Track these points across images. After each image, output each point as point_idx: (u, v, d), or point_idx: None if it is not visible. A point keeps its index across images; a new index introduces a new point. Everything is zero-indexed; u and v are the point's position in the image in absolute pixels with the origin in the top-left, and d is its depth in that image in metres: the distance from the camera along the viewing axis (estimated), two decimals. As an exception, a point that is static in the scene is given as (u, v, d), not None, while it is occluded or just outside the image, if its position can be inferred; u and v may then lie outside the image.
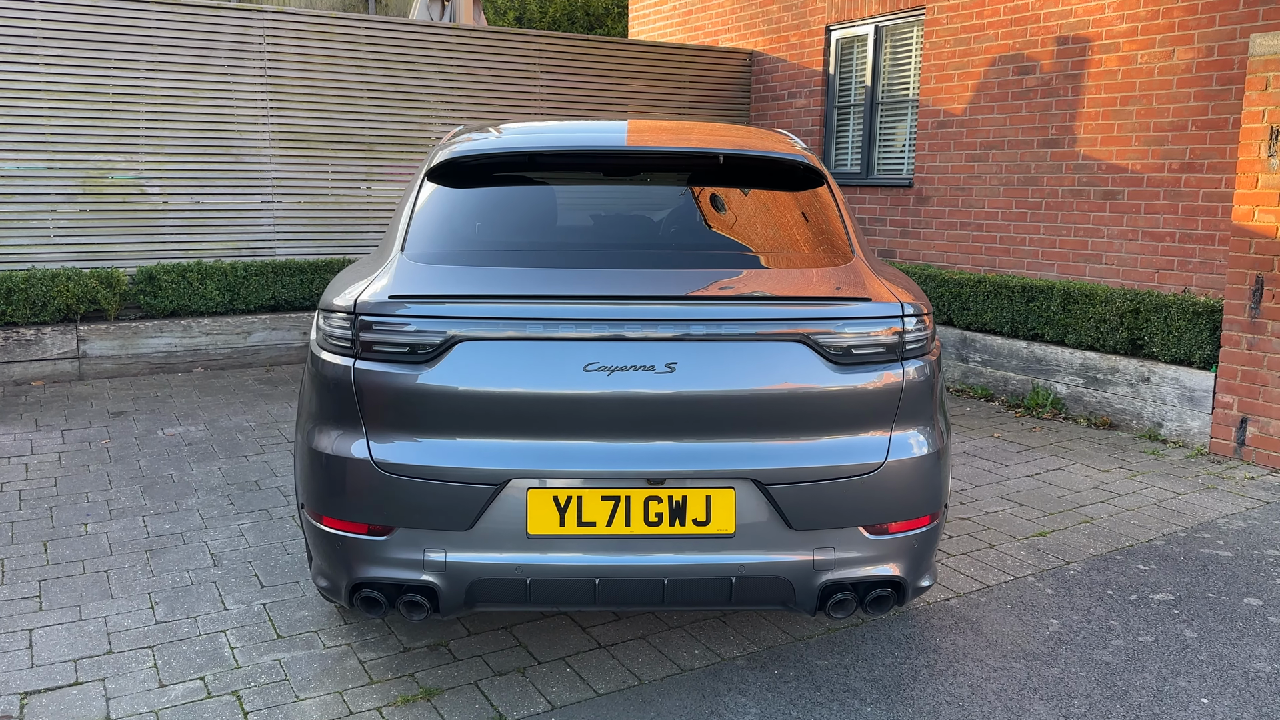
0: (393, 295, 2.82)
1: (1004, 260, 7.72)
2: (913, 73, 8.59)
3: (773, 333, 2.81)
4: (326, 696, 3.05)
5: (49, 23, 7.28)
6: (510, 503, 2.76)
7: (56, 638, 3.39)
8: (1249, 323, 5.59)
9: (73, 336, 7.26)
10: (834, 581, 2.87)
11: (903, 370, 2.90)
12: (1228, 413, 5.73)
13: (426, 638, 3.42)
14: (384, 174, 8.65)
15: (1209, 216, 6.36)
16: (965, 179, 7.99)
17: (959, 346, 7.45)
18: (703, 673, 3.22)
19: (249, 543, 4.25)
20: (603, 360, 2.74)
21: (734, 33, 10.37)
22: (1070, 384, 6.64)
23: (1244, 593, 3.90)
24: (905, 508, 2.92)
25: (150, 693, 3.05)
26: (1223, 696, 3.13)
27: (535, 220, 3.25)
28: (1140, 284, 6.74)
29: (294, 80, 8.19)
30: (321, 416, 2.92)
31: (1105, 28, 6.89)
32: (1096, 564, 4.16)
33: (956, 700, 3.08)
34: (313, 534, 2.98)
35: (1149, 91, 6.65)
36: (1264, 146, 5.45)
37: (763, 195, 3.35)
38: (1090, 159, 7.04)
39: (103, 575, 3.90)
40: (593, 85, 9.49)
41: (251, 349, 7.93)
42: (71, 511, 4.59)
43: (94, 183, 7.58)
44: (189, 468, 5.27)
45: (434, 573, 2.81)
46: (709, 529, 2.79)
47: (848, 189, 9.11)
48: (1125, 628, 3.59)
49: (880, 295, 2.93)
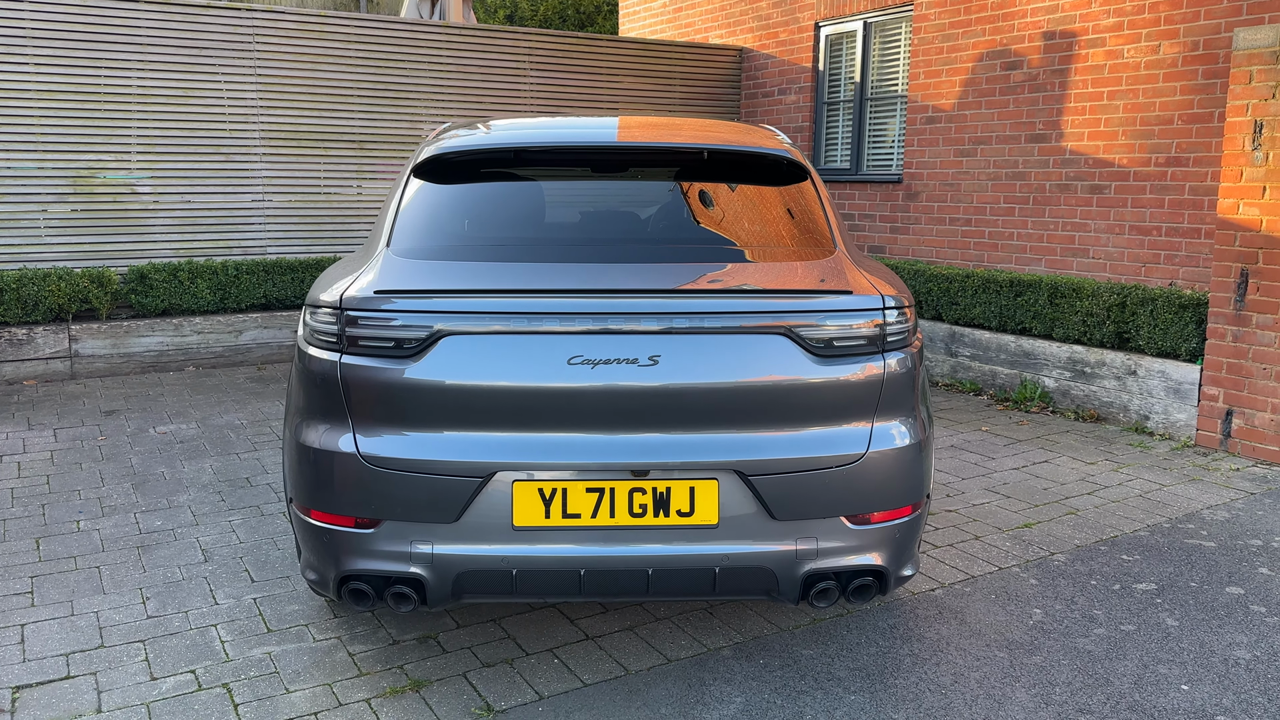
0: (378, 290, 2.85)
1: (992, 255, 7.76)
2: (901, 69, 8.63)
3: (755, 325, 2.84)
4: (316, 688, 3.08)
5: (38, 22, 7.29)
6: (496, 495, 2.79)
7: (48, 633, 3.41)
8: (1234, 315, 5.64)
9: (64, 336, 7.28)
10: (817, 571, 2.91)
11: (884, 362, 2.93)
12: (1213, 405, 5.78)
13: (415, 630, 3.45)
14: (374, 172, 8.67)
15: (1195, 210, 6.40)
16: (954, 174, 8.03)
17: (948, 341, 7.49)
18: (689, 663, 3.26)
19: (240, 539, 4.27)
20: (587, 353, 2.77)
21: (724, 29, 10.39)
22: (1058, 378, 6.68)
23: (1226, 582, 3.94)
24: (887, 498, 2.95)
25: (141, 686, 3.08)
26: (1203, 683, 3.17)
27: (521, 215, 3.27)
28: (1127, 278, 6.78)
29: (284, 79, 8.21)
30: (309, 411, 2.95)
31: (1092, 22, 6.93)
32: (1081, 555, 4.20)
33: (939, 688, 3.12)
34: (301, 528, 3.00)
35: (1135, 86, 6.69)
36: (1248, 140, 5.49)
37: (747, 190, 3.38)
38: (1077, 154, 7.09)
39: (94, 571, 3.92)
40: (583, 83, 9.52)
41: (243, 347, 7.95)
42: (64, 509, 4.61)
43: (85, 182, 7.59)
44: (180, 465, 5.29)
45: (421, 565, 2.83)
46: (693, 520, 2.82)
47: (837, 185, 9.15)
48: (1108, 617, 3.62)
49: (862, 288, 2.96)
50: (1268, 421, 5.51)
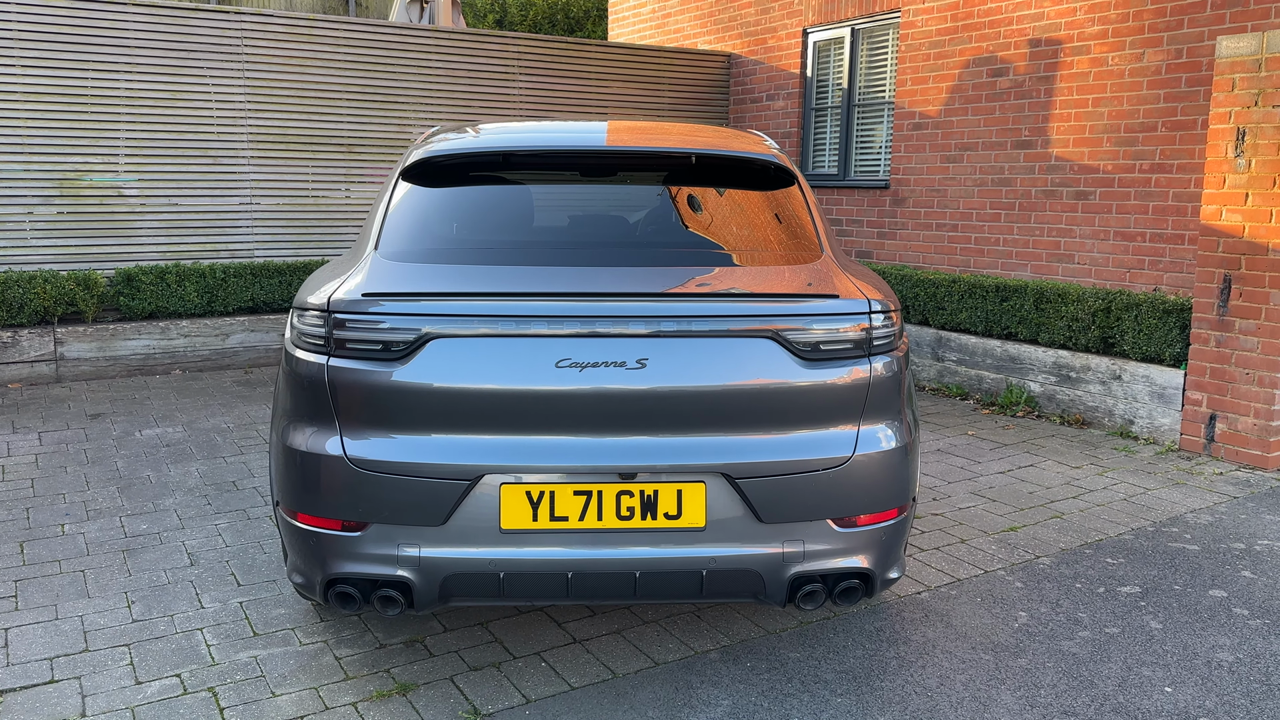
0: (366, 293, 2.85)
1: (978, 260, 7.80)
2: (889, 75, 8.67)
3: (743, 329, 2.85)
4: (302, 692, 3.07)
5: (25, 23, 7.26)
6: (483, 498, 2.79)
7: (32, 637, 3.40)
8: (1217, 321, 5.68)
9: (50, 339, 7.24)
10: (803, 573, 2.92)
11: (870, 366, 2.95)
12: (1197, 409, 5.82)
13: (402, 634, 3.44)
14: (363, 175, 8.66)
15: (1179, 216, 6.46)
16: (940, 180, 8.07)
17: (934, 346, 7.52)
18: (676, 666, 3.26)
19: (226, 542, 4.26)
20: (575, 356, 2.78)
21: (712, 35, 10.43)
22: (1043, 382, 6.72)
23: (1209, 585, 3.97)
24: (873, 501, 2.97)
25: (126, 690, 3.07)
26: (1186, 685, 3.19)
27: (509, 219, 3.28)
28: (1112, 283, 6.83)
29: (273, 82, 8.19)
30: (296, 414, 2.94)
31: (1077, 30, 6.99)
32: (1066, 558, 4.23)
33: (925, 691, 3.13)
34: (288, 531, 3.00)
35: (1120, 93, 6.75)
36: (1231, 147, 5.54)
37: (735, 194, 3.40)
38: (1063, 160, 7.13)
39: (79, 575, 3.91)
40: (572, 87, 9.53)
41: (230, 351, 7.92)
42: (48, 512, 4.58)
43: (71, 184, 7.56)
44: (167, 469, 5.27)
45: (408, 568, 2.83)
46: (680, 522, 2.83)
47: (825, 190, 9.18)
48: (1092, 619, 3.65)
49: (848, 292, 2.98)
50: (1250, 426, 5.56)
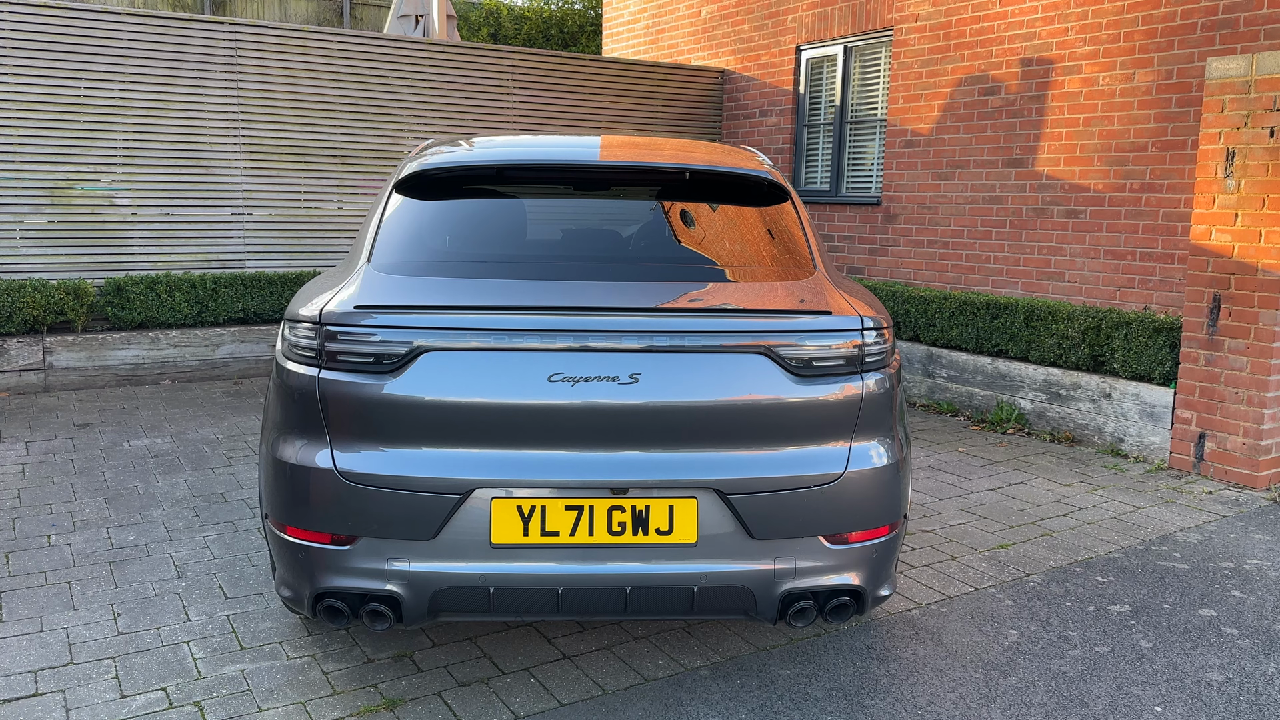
0: (358, 305, 2.84)
1: (969, 277, 7.83)
2: (881, 93, 8.71)
3: (735, 345, 2.85)
4: (289, 707, 3.05)
5: (17, 33, 7.25)
6: (474, 512, 2.78)
7: (16, 649, 3.36)
8: (1207, 340, 5.71)
9: (39, 348, 7.20)
10: (794, 590, 2.91)
11: (862, 382, 2.95)
12: (1186, 428, 5.84)
13: (391, 649, 3.42)
14: (356, 187, 8.65)
15: (1169, 235, 6.49)
16: (932, 198, 8.10)
17: (925, 362, 7.54)
18: (666, 682, 3.25)
19: (214, 555, 4.23)
20: (567, 371, 2.77)
21: (706, 51, 10.47)
22: (1034, 400, 6.73)
23: (1199, 604, 3.97)
24: (864, 518, 2.96)
25: (111, 703, 3.04)
26: (1176, 705, 3.19)
27: (503, 233, 3.28)
28: (1102, 301, 6.86)
29: (266, 93, 8.19)
30: (286, 426, 2.93)
31: (1068, 50, 7.04)
32: (1056, 576, 4.23)
33: (915, 709, 3.12)
34: (276, 544, 2.98)
35: (1110, 113, 6.79)
36: (1220, 168, 5.58)
37: (728, 210, 3.41)
38: (1053, 178, 7.17)
39: (65, 586, 3.87)
40: (566, 102, 9.55)
41: (220, 361, 7.89)
42: (34, 523, 4.55)
43: (62, 194, 7.54)
44: (154, 480, 5.24)
45: (397, 582, 2.82)
46: (671, 538, 2.82)
47: (817, 207, 9.21)
48: (1082, 638, 3.65)
49: (841, 309, 2.98)
50: (1239, 445, 5.58)
